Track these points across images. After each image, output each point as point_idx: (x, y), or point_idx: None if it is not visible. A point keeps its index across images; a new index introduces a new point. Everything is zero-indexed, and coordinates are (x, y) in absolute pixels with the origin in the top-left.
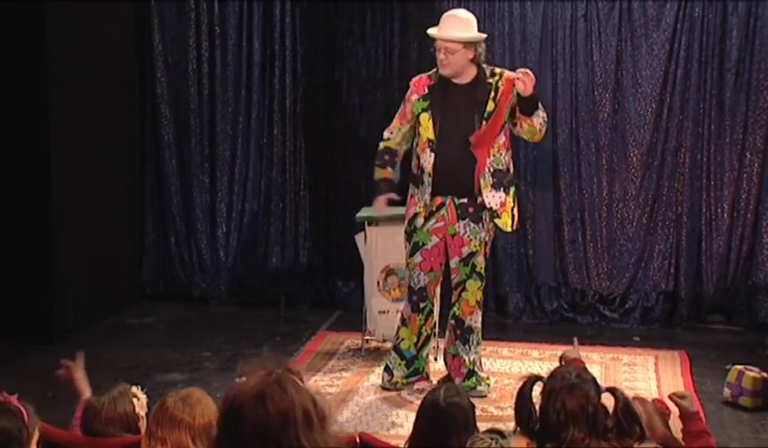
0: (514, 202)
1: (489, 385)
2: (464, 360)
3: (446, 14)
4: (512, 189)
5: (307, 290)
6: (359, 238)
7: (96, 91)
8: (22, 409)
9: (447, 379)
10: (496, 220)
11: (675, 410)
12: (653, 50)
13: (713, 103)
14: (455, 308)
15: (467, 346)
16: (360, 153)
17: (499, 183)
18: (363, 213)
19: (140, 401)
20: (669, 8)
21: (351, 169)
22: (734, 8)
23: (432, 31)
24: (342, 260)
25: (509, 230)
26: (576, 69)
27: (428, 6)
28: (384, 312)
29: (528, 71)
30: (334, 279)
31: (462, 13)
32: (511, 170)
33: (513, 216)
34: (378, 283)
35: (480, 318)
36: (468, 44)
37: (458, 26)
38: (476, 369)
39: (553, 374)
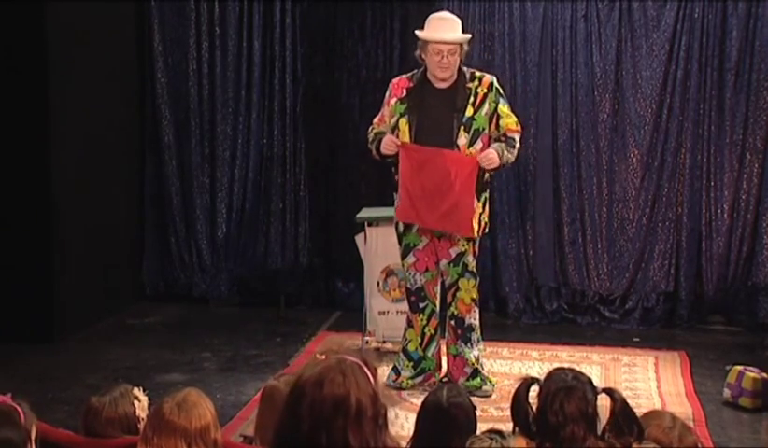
0: (483, 207)
1: (494, 385)
2: (468, 359)
3: (436, 16)
4: (483, 195)
5: (307, 290)
6: (359, 238)
7: (96, 92)
8: (18, 408)
9: (447, 379)
10: None
11: None
12: (653, 51)
13: (713, 103)
14: (452, 308)
15: (469, 345)
16: (360, 153)
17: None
18: (363, 213)
19: (141, 403)
20: (669, 9)
21: (351, 169)
22: (734, 9)
23: (434, 35)
24: (342, 261)
25: (474, 235)
26: (576, 69)
27: (428, 6)
28: (384, 312)
29: (488, 158)
30: (334, 279)
31: (449, 14)
32: (486, 176)
33: (480, 221)
34: (378, 283)
35: (478, 316)
36: (461, 46)
37: (455, 28)
38: (479, 367)
39: (549, 376)
